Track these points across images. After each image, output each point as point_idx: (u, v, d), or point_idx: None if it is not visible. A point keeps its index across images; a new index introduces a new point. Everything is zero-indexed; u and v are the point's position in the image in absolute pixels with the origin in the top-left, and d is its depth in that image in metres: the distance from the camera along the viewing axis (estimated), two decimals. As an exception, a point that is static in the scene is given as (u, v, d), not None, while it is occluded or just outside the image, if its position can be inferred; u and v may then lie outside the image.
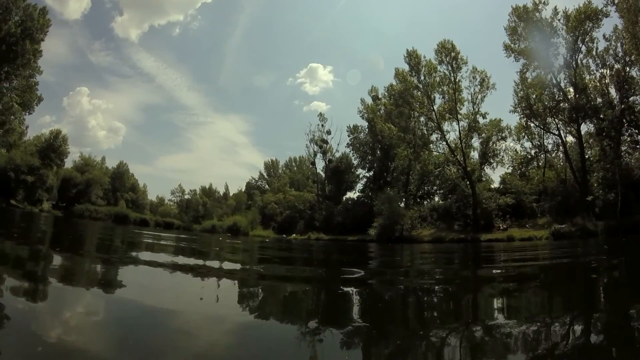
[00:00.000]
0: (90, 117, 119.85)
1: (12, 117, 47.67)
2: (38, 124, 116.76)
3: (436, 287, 6.96)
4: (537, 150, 41.32)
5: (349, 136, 55.99)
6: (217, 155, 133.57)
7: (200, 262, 9.96)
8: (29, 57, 44.76)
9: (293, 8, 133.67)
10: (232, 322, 3.90)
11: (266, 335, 3.59)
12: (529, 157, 41.58)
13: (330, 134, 58.21)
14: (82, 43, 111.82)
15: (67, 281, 5.42)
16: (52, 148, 53.15)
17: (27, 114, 48.91)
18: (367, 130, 53.57)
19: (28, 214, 38.21)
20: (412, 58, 40.26)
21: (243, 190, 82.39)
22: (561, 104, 36.27)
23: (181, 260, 9.88)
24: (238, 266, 9.74)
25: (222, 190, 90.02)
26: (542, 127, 38.75)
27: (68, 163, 61.86)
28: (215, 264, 9.71)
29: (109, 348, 2.91)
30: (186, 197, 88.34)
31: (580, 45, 34.90)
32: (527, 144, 42.39)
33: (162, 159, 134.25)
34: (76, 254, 9.06)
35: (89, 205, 56.74)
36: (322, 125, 58.23)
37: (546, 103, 36.68)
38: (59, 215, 48.15)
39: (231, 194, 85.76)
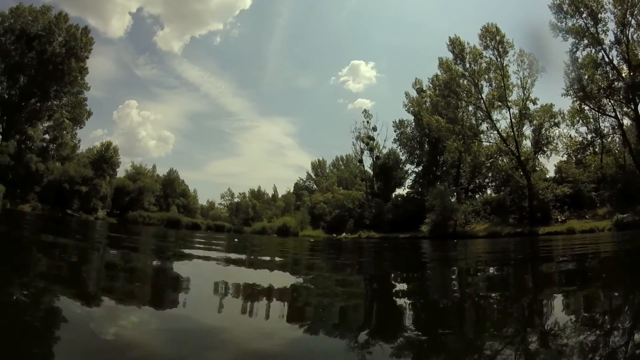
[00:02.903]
0: (140, 128, 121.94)
1: (63, 132, 50.30)
2: (90, 138, 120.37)
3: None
4: (593, 135, 39.20)
5: (395, 131, 54.88)
6: (265, 158, 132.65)
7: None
8: (75, 75, 46.57)
9: (330, 7, 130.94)
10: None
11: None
12: (585, 142, 39.67)
13: (376, 130, 57.54)
14: (127, 59, 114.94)
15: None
16: (103, 159, 55.09)
17: (78, 128, 52.26)
18: (413, 124, 52.28)
19: (84, 222, 39.74)
20: (456, 46, 39.27)
21: (291, 191, 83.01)
22: (615, 83, 34.65)
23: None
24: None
25: (270, 192, 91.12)
26: (597, 109, 36.79)
27: (120, 173, 64.10)
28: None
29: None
30: (236, 200, 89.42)
31: (630, 19, 33.07)
32: (582, 129, 40.05)
33: (210, 164, 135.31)
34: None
35: (142, 211, 58.77)
36: (368, 122, 57.81)
37: (600, 83, 35.02)
38: (114, 222, 50.04)
39: (280, 196, 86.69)
